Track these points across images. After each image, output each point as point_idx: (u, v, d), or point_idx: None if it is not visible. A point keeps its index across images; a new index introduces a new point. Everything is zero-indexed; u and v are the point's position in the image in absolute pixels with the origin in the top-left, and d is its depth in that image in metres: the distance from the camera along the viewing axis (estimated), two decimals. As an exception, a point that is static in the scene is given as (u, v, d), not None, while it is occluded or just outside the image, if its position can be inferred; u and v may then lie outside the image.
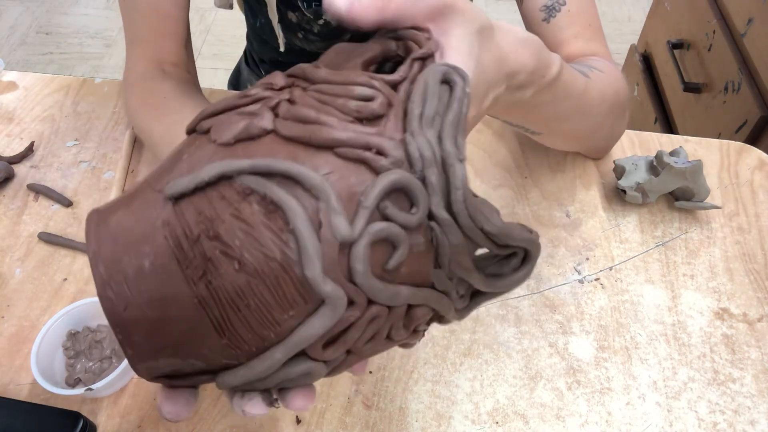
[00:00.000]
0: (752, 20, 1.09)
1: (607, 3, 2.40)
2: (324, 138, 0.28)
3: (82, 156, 0.74)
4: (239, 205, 0.27)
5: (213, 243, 0.27)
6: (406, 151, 0.28)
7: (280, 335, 0.28)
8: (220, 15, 2.37)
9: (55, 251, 0.65)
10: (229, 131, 0.29)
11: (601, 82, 0.57)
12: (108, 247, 0.28)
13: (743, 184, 0.71)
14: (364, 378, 0.55)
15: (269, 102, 0.30)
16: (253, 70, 0.99)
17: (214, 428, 0.53)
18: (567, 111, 0.53)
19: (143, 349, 0.29)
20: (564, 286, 0.62)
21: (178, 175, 0.29)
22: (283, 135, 0.28)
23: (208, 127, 0.30)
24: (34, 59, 2.21)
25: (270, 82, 0.31)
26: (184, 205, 0.28)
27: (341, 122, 0.28)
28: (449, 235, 0.29)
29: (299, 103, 0.29)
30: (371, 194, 0.27)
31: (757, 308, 0.60)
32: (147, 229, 0.28)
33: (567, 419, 0.53)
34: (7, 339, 0.58)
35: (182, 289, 0.27)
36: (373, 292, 0.28)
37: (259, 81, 0.32)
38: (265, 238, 0.27)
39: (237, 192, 0.27)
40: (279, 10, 0.78)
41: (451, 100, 0.29)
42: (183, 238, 0.27)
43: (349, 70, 0.31)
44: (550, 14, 0.64)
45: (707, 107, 1.20)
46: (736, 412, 0.54)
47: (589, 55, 0.63)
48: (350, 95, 0.29)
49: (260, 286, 0.27)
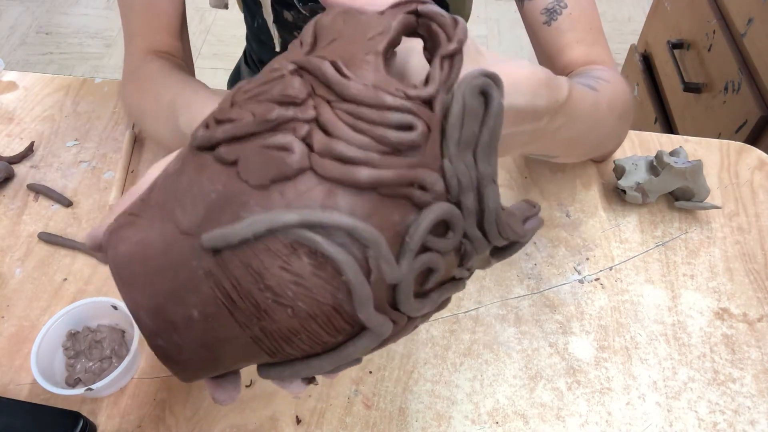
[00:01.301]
0: (752, 20, 1.09)
1: (607, 3, 2.40)
2: (367, 181, 0.27)
3: (82, 156, 0.74)
4: (288, 259, 0.27)
5: (265, 294, 0.27)
6: (444, 179, 0.28)
7: (326, 348, 0.30)
8: (220, 15, 2.37)
9: (55, 251, 0.65)
10: (262, 173, 0.27)
11: (608, 93, 0.56)
12: (146, 294, 0.28)
13: (743, 184, 0.71)
14: (364, 378, 0.55)
15: (299, 131, 0.27)
16: (253, 70, 0.99)
17: (214, 428, 0.53)
18: (581, 127, 0.53)
19: (198, 375, 0.31)
20: (564, 286, 0.62)
21: (209, 216, 0.27)
22: (321, 175, 0.27)
23: (233, 159, 0.28)
24: (34, 59, 2.21)
25: (289, 95, 0.28)
26: (228, 257, 0.27)
27: (382, 158, 0.27)
28: (478, 249, 0.30)
29: (333, 133, 0.27)
30: (416, 235, 0.28)
31: (757, 308, 0.60)
32: (187, 278, 0.28)
33: (567, 419, 0.53)
34: (7, 339, 0.58)
35: (236, 332, 0.28)
36: (413, 312, 0.29)
37: (271, 79, 0.29)
38: (317, 287, 0.27)
39: (285, 245, 0.27)
40: (274, 10, 0.78)
41: (487, 118, 0.29)
42: (232, 290, 0.27)
43: (379, 80, 0.28)
44: (551, 17, 0.64)
45: (707, 107, 1.20)
46: (736, 412, 0.54)
47: (592, 62, 0.63)
48: (388, 123, 0.27)
49: (312, 325, 0.28)
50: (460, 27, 0.30)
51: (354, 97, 0.27)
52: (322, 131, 0.27)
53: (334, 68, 0.28)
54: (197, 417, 0.53)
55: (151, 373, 0.56)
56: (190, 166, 0.29)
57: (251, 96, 0.29)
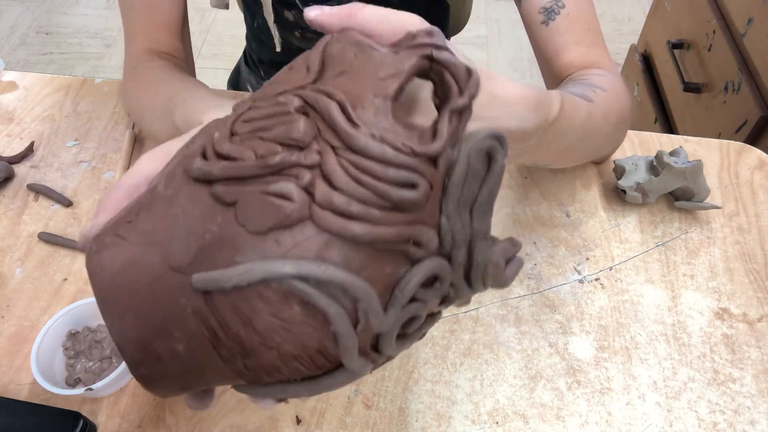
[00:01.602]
0: (752, 20, 1.09)
1: (607, 3, 2.40)
2: (365, 238, 0.27)
3: (82, 156, 0.74)
4: (279, 307, 0.27)
5: (251, 336, 0.27)
6: (440, 235, 0.29)
7: (304, 377, 0.30)
8: (220, 15, 2.37)
9: (55, 251, 0.65)
10: (261, 219, 0.27)
11: (604, 103, 0.56)
12: (131, 326, 0.28)
13: (743, 184, 0.71)
14: (364, 378, 0.55)
15: (301, 178, 0.27)
16: (253, 70, 0.99)
17: (214, 428, 0.53)
18: (573, 139, 0.53)
19: (176, 394, 0.32)
20: (564, 286, 0.62)
21: (202, 256, 0.27)
22: (320, 226, 0.27)
23: (232, 201, 0.27)
24: (34, 59, 2.21)
25: (294, 138, 0.27)
26: (218, 299, 0.27)
27: (382, 215, 0.27)
28: (461, 295, 0.31)
29: (335, 184, 0.27)
30: (407, 290, 0.28)
31: (757, 308, 0.60)
32: (174, 313, 0.28)
33: (567, 419, 0.53)
34: (7, 339, 0.58)
35: (218, 365, 0.29)
36: (393, 353, 0.30)
37: (275, 114, 0.28)
38: (305, 334, 0.27)
39: (277, 294, 0.27)
40: (275, 9, 0.78)
41: (488, 178, 0.29)
42: (219, 329, 0.28)
43: (386, 131, 0.27)
44: (548, 17, 0.64)
45: (707, 107, 1.20)
46: (736, 412, 0.54)
47: (590, 64, 0.63)
48: (391, 180, 0.27)
49: (295, 363, 0.29)
50: (473, 80, 0.29)
51: (360, 149, 0.27)
52: (324, 180, 0.27)
53: (342, 112, 0.27)
54: (197, 417, 0.53)
55: (151, 373, 0.56)
56: (184, 197, 0.28)
57: (254, 129, 0.28)
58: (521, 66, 2.13)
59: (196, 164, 0.28)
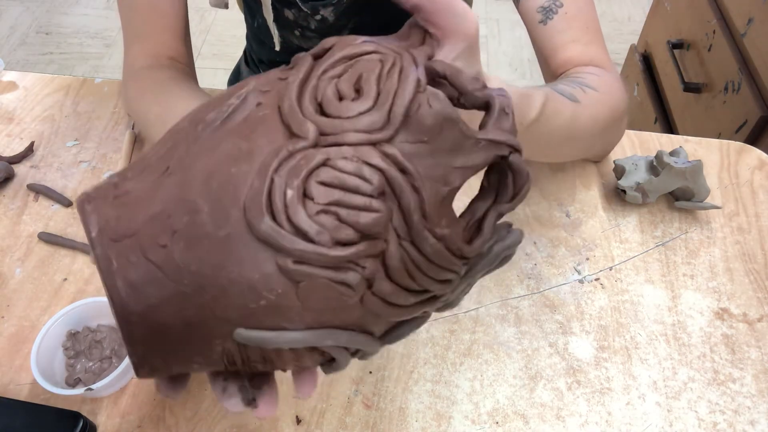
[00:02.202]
0: (752, 20, 1.09)
1: (607, 3, 2.40)
2: (397, 320, 0.32)
3: (82, 156, 0.74)
4: (302, 359, 0.31)
5: (266, 366, 0.31)
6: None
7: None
8: (220, 15, 2.37)
9: (55, 251, 0.65)
10: (320, 303, 0.28)
11: (592, 105, 0.56)
12: (157, 357, 0.29)
13: (743, 184, 0.71)
14: (364, 378, 0.55)
15: (367, 268, 0.28)
16: (253, 70, 0.99)
17: (214, 428, 0.53)
18: (555, 140, 0.53)
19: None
20: (564, 286, 0.62)
21: (252, 315, 0.28)
22: (366, 307, 0.29)
23: (298, 280, 0.27)
24: (34, 59, 2.21)
25: (372, 232, 0.27)
26: (252, 348, 0.29)
27: (416, 300, 0.31)
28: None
29: (393, 279, 0.29)
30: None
31: (757, 308, 0.60)
32: (202, 349, 0.29)
33: (567, 419, 0.53)
34: (7, 339, 0.58)
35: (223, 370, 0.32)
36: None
37: (351, 188, 0.27)
38: (314, 363, 0.32)
39: (307, 351, 0.30)
40: (274, 8, 0.78)
41: (497, 265, 0.33)
42: (240, 363, 0.30)
43: (448, 236, 0.29)
44: (546, 16, 0.64)
45: (707, 107, 1.20)
46: (736, 412, 0.54)
47: (587, 62, 0.63)
48: (434, 278, 0.30)
49: (299, 362, 0.32)
50: (525, 191, 0.32)
51: (422, 250, 0.28)
52: (385, 274, 0.28)
53: (420, 209, 0.28)
54: (197, 417, 0.53)
55: (151, 373, 0.56)
56: (243, 253, 0.27)
57: (330, 203, 0.27)
58: (521, 66, 2.13)
59: (265, 226, 0.26)
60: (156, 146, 0.30)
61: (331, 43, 0.31)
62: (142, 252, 0.27)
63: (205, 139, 0.29)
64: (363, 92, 0.28)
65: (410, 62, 0.29)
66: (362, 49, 0.30)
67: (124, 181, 0.29)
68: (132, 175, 0.29)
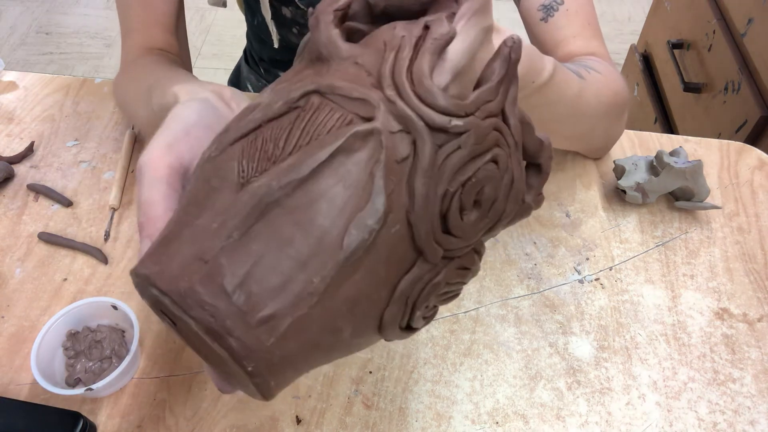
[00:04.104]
0: (752, 20, 1.09)
1: (607, 3, 2.40)
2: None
3: (82, 156, 0.74)
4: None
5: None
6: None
7: None
8: (220, 15, 2.37)
9: (55, 251, 0.65)
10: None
11: (597, 84, 0.57)
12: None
13: (743, 184, 0.71)
14: (364, 378, 0.55)
15: None
16: (253, 68, 0.99)
17: (214, 428, 0.53)
18: (561, 113, 0.53)
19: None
20: (564, 286, 0.62)
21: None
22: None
23: None
24: (34, 59, 2.21)
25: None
26: None
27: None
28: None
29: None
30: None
31: (757, 308, 0.60)
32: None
33: (567, 419, 0.53)
34: (7, 339, 0.58)
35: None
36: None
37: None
38: None
39: None
40: (272, 6, 0.78)
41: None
42: None
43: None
44: (548, 13, 0.64)
45: (707, 107, 1.20)
46: (736, 412, 0.54)
47: (588, 54, 0.63)
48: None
49: None
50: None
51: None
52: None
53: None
54: (197, 417, 0.53)
55: (151, 373, 0.56)
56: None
57: None
58: (521, 66, 2.12)
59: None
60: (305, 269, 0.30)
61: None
62: (295, 372, 0.31)
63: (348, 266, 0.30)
64: (482, 208, 0.32)
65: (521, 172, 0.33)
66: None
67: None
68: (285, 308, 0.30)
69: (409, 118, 0.29)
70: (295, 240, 0.28)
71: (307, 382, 0.55)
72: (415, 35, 0.30)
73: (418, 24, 0.31)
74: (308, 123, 0.29)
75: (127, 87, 0.66)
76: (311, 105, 0.30)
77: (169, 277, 0.28)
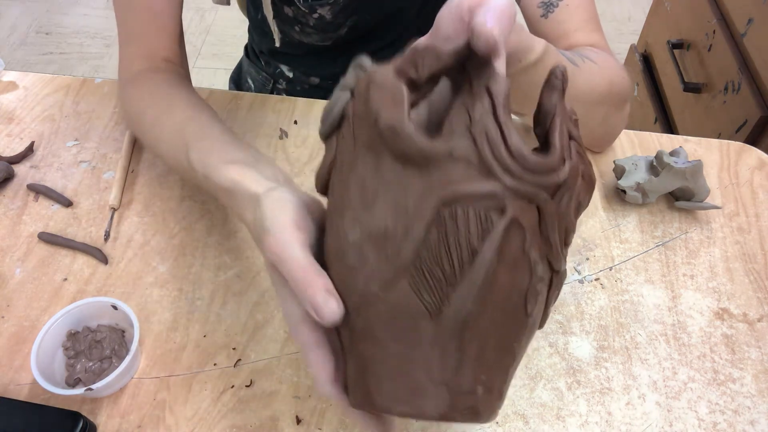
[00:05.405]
0: (752, 20, 1.09)
1: (607, 3, 2.40)
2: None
3: (82, 156, 0.74)
4: None
5: None
6: None
7: None
8: (220, 15, 2.37)
9: (55, 251, 0.65)
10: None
11: (590, 72, 0.57)
12: None
13: (743, 184, 0.71)
14: (364, 378, 0.55)
15: None
16: (254, 62, 1.00)
17: (214, 428, 0.53)
18: None
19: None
20: (564, 286, 0.62)
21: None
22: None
23: None
24: (34, 59, 2.21)
25: None
26: None
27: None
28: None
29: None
30: None
31: (757, 308, 0.60)
32: None
33: (567, 419, 0.53)
34: (7, 339, 0.58)
35: None
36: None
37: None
38: None
39: None
40: (274, 5, 0.79)
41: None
42: None
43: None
44: (548, 10, 0.64)
45: (707, 107, 1.20)
46: (736, 412, 0.54)
47: (589, 45, 0.64)
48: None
49: None
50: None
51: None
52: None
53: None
54: (197, 417, 0.53)
55: (151, 373, 0.56)
56: None
57: None
58: (521, 66, 2.13)
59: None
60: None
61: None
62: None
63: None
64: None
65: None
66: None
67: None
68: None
69: (532, 193, 0.33)
70: (503, 329, 0.35)
71: (307, 382, 0.55)
72: (488, 108, 0.32)
73: (480, 92, 0.33)
74: (456, 237, 0.32)
75: (143, 109, 0.63)
76: (444, 217, 0.32)
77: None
